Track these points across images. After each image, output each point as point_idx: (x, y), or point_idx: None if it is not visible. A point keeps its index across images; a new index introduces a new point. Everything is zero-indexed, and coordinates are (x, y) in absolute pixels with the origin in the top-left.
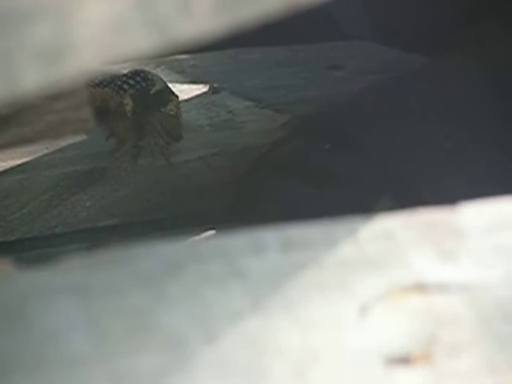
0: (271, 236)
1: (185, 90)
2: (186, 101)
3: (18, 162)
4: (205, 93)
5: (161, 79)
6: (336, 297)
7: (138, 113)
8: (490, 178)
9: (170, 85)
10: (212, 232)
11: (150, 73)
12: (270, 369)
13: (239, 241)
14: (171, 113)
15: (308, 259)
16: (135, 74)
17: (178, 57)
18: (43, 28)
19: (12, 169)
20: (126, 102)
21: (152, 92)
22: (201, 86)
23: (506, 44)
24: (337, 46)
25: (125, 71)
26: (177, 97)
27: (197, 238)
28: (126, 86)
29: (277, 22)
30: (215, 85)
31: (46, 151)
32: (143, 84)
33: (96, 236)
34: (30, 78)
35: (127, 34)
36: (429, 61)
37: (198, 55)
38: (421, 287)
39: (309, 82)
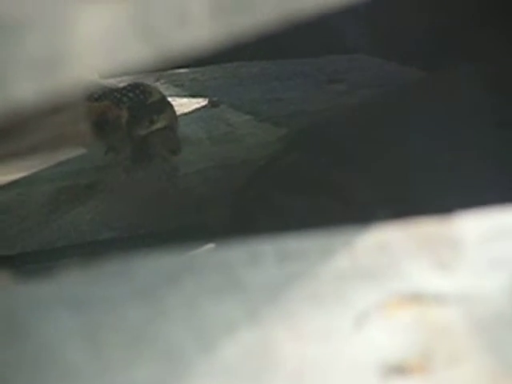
0: (267, 247)
1: (184, 104)
2: (186, 114)
3: (18, 176)
4: (204, 106)
5: (158, 92)
6: (332, 308)
7: (133, 125)
8: (487, 188)
9: (168, 98)
10: (211, 245)
11: (148, 86)
12: (266, 380)
13: (236, 252)
14: (161, 125)
15: (304, 270)
16: (134, 87)
17: (177, 71)
18: (36, 39)
19: (11, 183)
20: (122, 114)
21: (148, 103)
22: (200, 99)
23: (502, 57)
24: (336, 59)
25: (123, 85)
26: (173, 109)
27: (194, 250)
28: (125, 99)
29: (276, 36)
30: (214, 98)
31: (45, 165)
32: (141, 97)
33: (96, 249)
34: (24, 90)
35: (121, 45)
36: (427, 74)
37: (198, 69)
38: (417, 298)
39: (308, 96)
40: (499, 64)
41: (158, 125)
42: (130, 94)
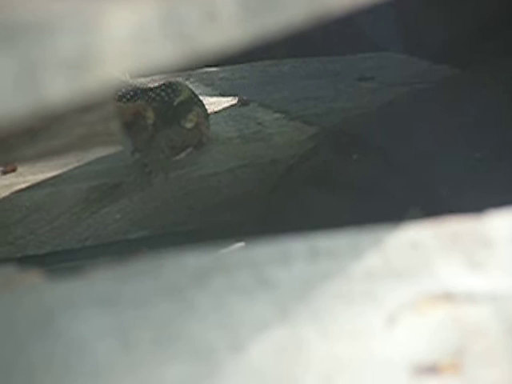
0: (298, 246)
1: (214, 103)
2: (216, 113)
3: (49, 175)
4: (234, 105)
5: (188, 90)
6: (363, 306)
7: (158, 125)
8: None
9: (197, 95)
10: (241, 243)
11: (179, 84)
12: (297, 378)
13: (266, 251)
14: (188, 124)
15: (335, 269)
16: (167, 86)
17: (207, 69)
18: (68, 40)
19: (42, 182)
20: (148, 115)
21: (175, 104)
22: (230, 98)
23: None
24: (366, 57)
25: (156, 84)
26: (202, 106)
27: (225, 249)
28: (156, 99)
29: (307, 34)
30: (244, 97)
31: (75, 164)
32: (168, 97)
33: (126, 248)
34: (56, 89)
35: (151, 45)
36: (457, 72)
37: (228, 68)
38: (448, 297)
39: (338, 94)
40: None
41: (186, 125)
42: (162, 93)
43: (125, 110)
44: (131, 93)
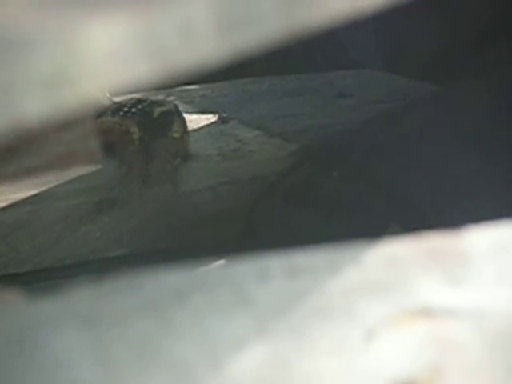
0: (277, 263)
1: (194, 120)
2: (195, 130)
3: (28, 193)
4: (214, 122)
5: (166, 103)
6: (341, 322)
7: (145, 139)
8: (497, 202)
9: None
10: (220, 261)
11: (155, 99)
12: None
13: (245, 268)
14: (176, 135)
15: (314, 285)
16: (140, 100)
17: (186, 87)
18: (45, 57)
19: (22, 200)
20: (132, 130)
21: (155, 115)
22: (210, 115)
23: None
24: (346, 74)
25: (129, 100)
26: (182, 119)
27: (204, 266)
28: (132, 113)
29: (285, 51)
30: (224, 114)
31: (55, 183)
32: (146, 109)
33: (106, 266)
34: (33, 107)
35: (129, 63)
36: (438, 88)
37: (207, 86)
38: (427, 312)
39: (318, 111)
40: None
41: (173, 135)
42: (139, 106)
43: (102, 127)
44: (107, 110)
